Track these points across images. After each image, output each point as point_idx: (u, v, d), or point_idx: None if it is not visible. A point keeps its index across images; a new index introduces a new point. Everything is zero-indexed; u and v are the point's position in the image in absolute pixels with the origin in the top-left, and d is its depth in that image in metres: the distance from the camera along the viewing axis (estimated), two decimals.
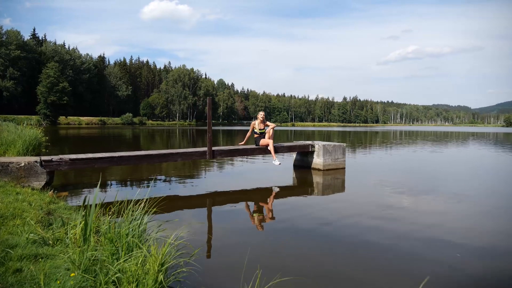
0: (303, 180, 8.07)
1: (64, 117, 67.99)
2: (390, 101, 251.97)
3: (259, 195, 6.49)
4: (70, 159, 5.76)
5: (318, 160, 8.95)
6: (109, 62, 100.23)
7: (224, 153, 7.43)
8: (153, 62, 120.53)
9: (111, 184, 7.13)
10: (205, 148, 7.31)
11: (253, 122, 8.45)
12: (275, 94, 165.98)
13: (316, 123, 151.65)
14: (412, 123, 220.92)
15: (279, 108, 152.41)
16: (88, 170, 8.17)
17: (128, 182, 7.43)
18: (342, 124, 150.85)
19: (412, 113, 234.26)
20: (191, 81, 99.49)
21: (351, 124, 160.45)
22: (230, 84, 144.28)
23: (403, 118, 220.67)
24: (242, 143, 8.55)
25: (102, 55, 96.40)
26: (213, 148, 7.23)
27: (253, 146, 8.13)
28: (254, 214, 5.09)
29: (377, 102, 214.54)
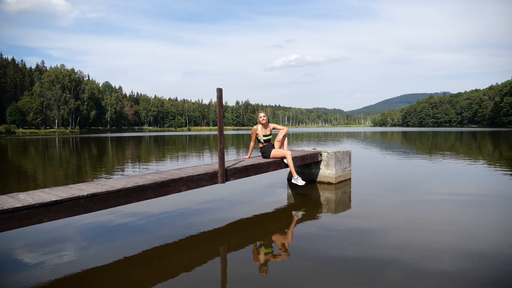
0: (319, 198, 6.04)
1: None
2: (278, 105, 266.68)
3: (279, 229, 4.27)
4: None
5: (328, 172, 7.08)
6: None
7: (238, 173, 4.95)
8: (21, 61, 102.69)
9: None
10: (213, 168, 4.72)
11: (254, 128, 6.13)
12: (168, 98, 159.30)
13: (212, 127, 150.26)
14: (298, 125, 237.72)
15: (173, 113, 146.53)
16: None
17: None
18: (236, 128, 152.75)
19: (298, 116, 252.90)
20: (72, 83, 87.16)
21: (245, 127, 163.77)
22: (117, 87, 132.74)
23: (290, 121, 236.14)
24: (247, 156, 6.14)
25: None
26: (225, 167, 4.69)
27: (264, 160, 5.80)
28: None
29: (267, 106, 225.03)
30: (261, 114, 6.04)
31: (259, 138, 6.01)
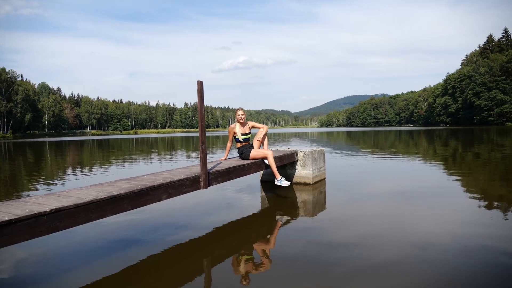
0: (296, 200, 5.71)
1: None
2: (227, 107, 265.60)
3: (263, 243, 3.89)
4: None
5: (304, 172, 6.79)
6: None
7: (221, 176, 4.44)
8: None
9: None
10: (193, 171, 4.15)
11: (231, 127, 5.67)
12: (112, 100, 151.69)
13: (160, 130, 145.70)
14: None
15: (118, 115, 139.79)
16: None
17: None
18: (185, 130, 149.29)
19: (247, 118, 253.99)
20: (3, 83, 79.49)
21: (194, 129, 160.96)
22: (55, 89, 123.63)
23: None
24: (223, 158, 5.60)
25: None
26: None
27: (245, 161, 5.32)
28: None
29: (216, 108, 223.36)
30: (240, 112, 5.59)
31: (237, 137, 5.54)
